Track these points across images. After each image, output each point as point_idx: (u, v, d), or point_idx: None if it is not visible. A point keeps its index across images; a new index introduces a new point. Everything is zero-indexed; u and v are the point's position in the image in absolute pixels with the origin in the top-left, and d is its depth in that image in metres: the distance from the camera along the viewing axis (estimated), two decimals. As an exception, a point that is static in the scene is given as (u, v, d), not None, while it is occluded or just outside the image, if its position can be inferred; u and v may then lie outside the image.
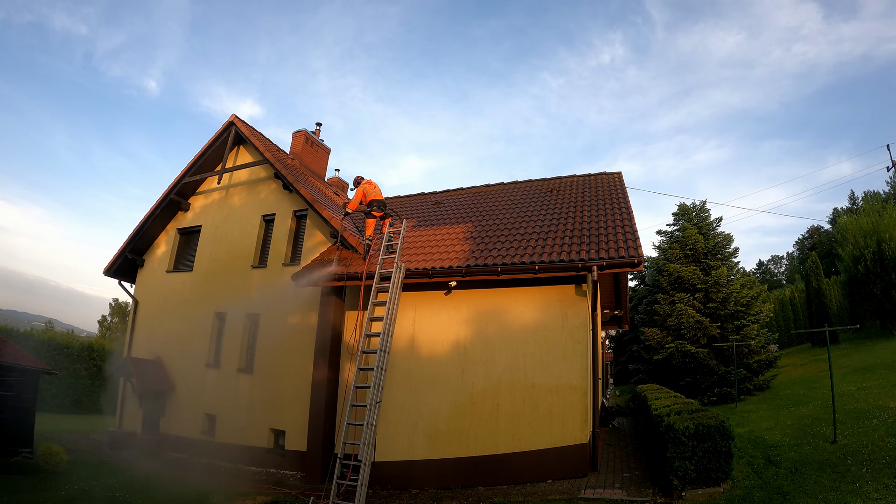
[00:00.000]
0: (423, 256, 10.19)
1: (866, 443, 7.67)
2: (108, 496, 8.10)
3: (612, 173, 14.10)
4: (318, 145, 15.55)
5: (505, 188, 14.48)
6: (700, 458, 6.64)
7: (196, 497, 8.50)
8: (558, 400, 8.52)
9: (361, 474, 7.82)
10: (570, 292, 8.97)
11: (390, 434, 9.29)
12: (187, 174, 13.94)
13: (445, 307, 9.68)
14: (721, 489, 6.71)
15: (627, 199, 11.61)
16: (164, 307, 13.79)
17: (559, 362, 8.68)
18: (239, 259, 12.83)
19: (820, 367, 17.92)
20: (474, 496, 8.11)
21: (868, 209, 22.93)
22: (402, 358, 9.62)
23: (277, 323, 11.70)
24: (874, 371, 14.34)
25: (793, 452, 8.01)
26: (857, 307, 21.51)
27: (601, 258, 8.48)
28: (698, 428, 6.68)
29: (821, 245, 42.88)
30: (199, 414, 12.28)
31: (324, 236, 11.87)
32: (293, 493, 8.86)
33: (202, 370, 12.57)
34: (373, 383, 8.50)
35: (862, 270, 19.88)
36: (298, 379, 10.94)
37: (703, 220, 21.20)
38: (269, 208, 12.93)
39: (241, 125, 13.60)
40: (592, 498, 7.19)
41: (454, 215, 12.83)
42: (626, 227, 9.71)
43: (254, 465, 10.98)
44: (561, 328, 8.82)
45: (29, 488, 8.07)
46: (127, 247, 14.32)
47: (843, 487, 6.22)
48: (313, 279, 10.23)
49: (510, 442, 8.61)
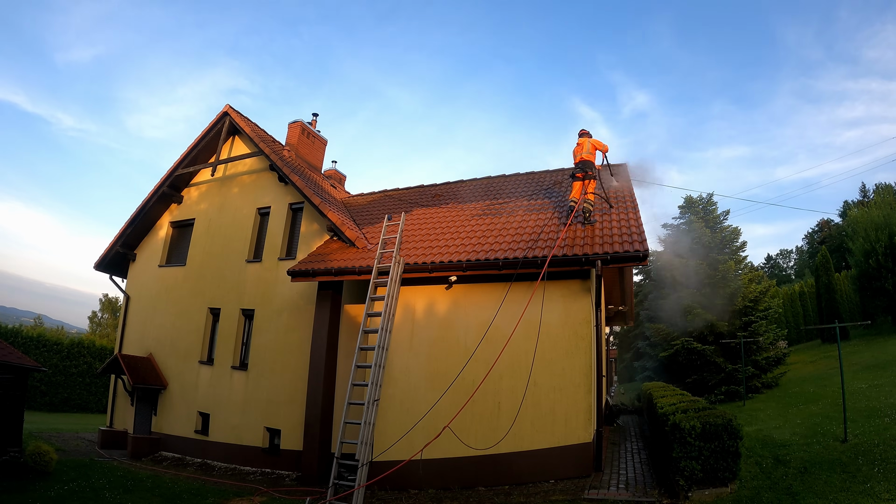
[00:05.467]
0: (423, 250, 9.99)
1: (878, 442, 7.48)
2: (98, 496, 7.97)
3: (617, 165, 13.78)
4: (314, 136, 15.29)
5: (507, 180, 14.20)
6: (707, 457, 6.47)
7: (189, 497, 8.39)
8: (561, 398, 8.34)
9: (359, 474, 7.69)
10: (574, 287, 8.77)
11: (389, 433, 9.09)
12: (180, 166, 13.73)
13: (445, 302, 9.49)
14: (728, 489, 6.54)
15: (633, 191, 11.34)
16: (157, 302, 13.61)
17: (562, 359, 8.49)
18: (233, 253, 12.63)
19: (830, 365, 17.75)
20: (475, 497, 7.96)
21: (880, 202, 22.61)
22: (401, 354, 9.43)
23: (272, 319, 11.55)
24: (886, 368, 14.29)
25: (802, 452, 7.85)
26: (869, 302, 21.27)
27: (605, 252, 8.27)
28: (705, 427, 6.50)
29: (831, 239, 42.48)
30: (192, 412, 12.12)
31: (320, 229, 11.65)
32: (289, 493, 8.75)
33: (195, 367, 12.41)
34: (370, 381, 8.37)
35: (873, 265, 19.63)
36: (294, 376, 10.78)
37: (709, 214, 20.92)
38: (265, 201, 12.73)
39: (236, 115, 13.40)
40: (596, 499, 7.02)
41: (455, 208, 12.56)
42: (632, 221, 9.46)
43: (248, 465, 10.87)
44: (564, 324, 8.63)
45: (17, 489, 7.93)
46: (118, 240, 14.13)
47: (853, 488, 6.06)
48: (309, 273, 10.06)
49: (512, 441, 8.42)
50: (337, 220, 10.99)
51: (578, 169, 9.71)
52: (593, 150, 9.90)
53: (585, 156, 9.79)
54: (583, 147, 9.90)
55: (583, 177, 9.66)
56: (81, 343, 20.41)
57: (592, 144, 9.92)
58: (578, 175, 9.69)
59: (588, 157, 9.78)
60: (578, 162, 9.81)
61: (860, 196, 43.05)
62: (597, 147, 9.94)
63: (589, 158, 9.77)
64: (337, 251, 10.66)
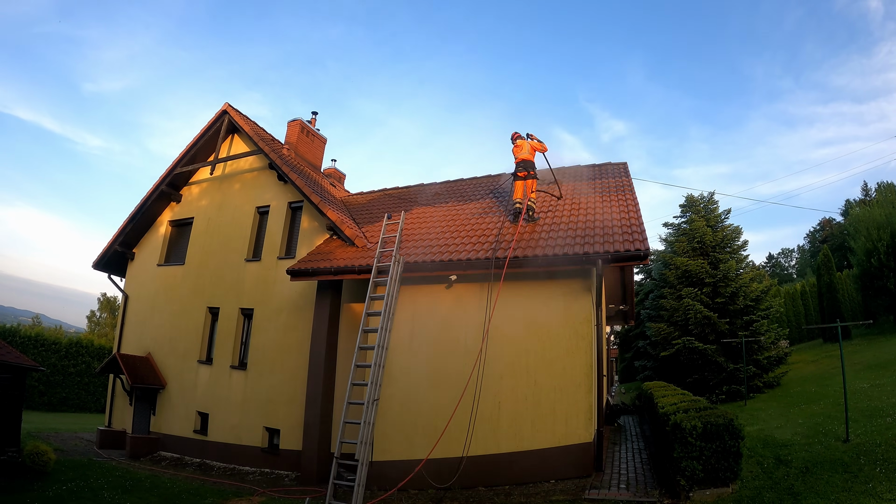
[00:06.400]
0: (423, 249, 9.92)
1: (880, 442, 7.45)
2: (96, 497, 7.93)
3: (618, 163, 13.73)
4: (313, 135, 15.23)
5: (508, 178, 14.11)
6: (708, 457, 6.42)
7: (188, 497, 8.35)
8: (562, 397, 8.28)
9: (359, 474, 7.65)
10: (575, 286, 8.71)
11: (388, 432, 9.06)
12: (179, 164, 13.65)
13: (446, 301, 9.42)
14: (730, 490, 6.49)
15: (633, 190, 11.29)
16: (155, 302, 13.55)
17: (563, 358, 8.43)
18: (232, 252, 12.57)
19: (832, 364, 17.69)
20: (475, 497, 7.90)
21: (882, 200, 22.53)
22: (401, 354, 9.37)
23: (272, 318, 11.50)
24: (888, 367, 14.26)
25: (804, 452, 7.81)
26: (871, 302, 21.22)
27: (606, 251, 8.21)
28: (706, 427, 6.44)
29: (833, 238, 42.38)
30: (191, 412, 12.08)
31: (320, 228, 11.59)
32: (288, 493, 8.70)
33: (194, 367, 12.36)
34: (370, 380, 8.32)
35: (875, 264, 19.57)
36: (293, 376, 10.73)
37: (711, 212, 20.86)
38: (264, 200, 12.67)
39: (235, 114, 13.32)
40: (597, 499, 6.99)
41: (455, 206, 12.50)
42: (632, 219, 9.41)
43: (247, 465, 10.83)
44: (564, 323, 8.57)
45: (15, 489, 7.90)
46: (116, 239, 14.05)
47: (855, 488, 6.03)
48: (309, 272, 10.00)
49: (512, 441, 8.39)
50: (336, 219, 10.93)
51: (520, 168, 10.20)
52: (532, 151, 10.44)
53: (525, 156, 10.31)
54: (521, 148, 10.43)
55: (524, 176, 10.15)
56: (80, 342, 20.35)
57: (531, 146, 10.46)
58: (520, 174, 10.17)
59: (527, 157, 10.31)
60: (519, 162, 10.29)
61: (862, 195, 42.94)
62: (535, 148, 10.48)
63: (528, 158, 10.29)
64: (336, 250, 10.61)
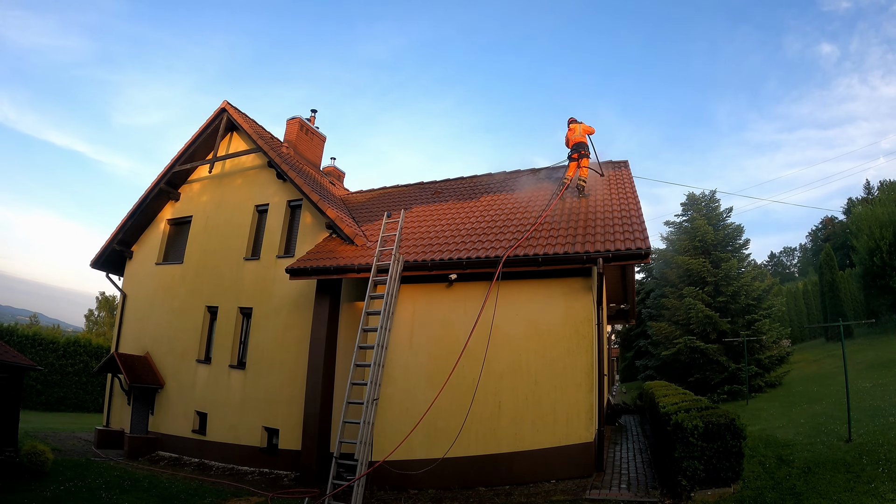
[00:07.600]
0: (423, 248, 9.88)
1: (882, 441, 7.44)
2: (94, 497, 7.91)
3: (619, 162, 13.65)
4: (312, 133, 15.17)
5: (508, 177, 14.07)
6: (710, 457, 6.38)
7: (186, 498, 8.33)
8: (562, 397, 8.23)
9: (358, 474, 7.62)
10: (575, 285, 8.64)
11: (388, 432, 8.98)
12: (178, 162, 13.60)
13: (446, 300, 9.36)
14: (731, 490, 6.45)
15: (634, 189, 11.23)
16: (154, 301, 13.50)
17: (563, 358, 8.37)
18: (231, 251, 12.51)
19: (834, 363, 17.64)
20: (475, 497, 7.86)
21: (884, 199, 22.44)
22: (401, 353, 9.32)
23: (271, 317, 11.45)
24: (891, 367, 14.24)
25: (806, 451, 7.80)
26: (873, 301, 21.16)
27: (607, 250, 8.16)
28: (708, 426, 6.40)
29: (835, 236, 42.27)
30: (189, 411, 12.04)
31: (319, 227, 11.53)
32: (287, 493, 8.67)
33: (193, 366, 12.32)
34: (370, 380, 8.30)
35: (878, 263, 19.50)
36: (293, 376, 10.68)
37: (712, 211, 20.77)
38: (263, 198, 12.61)
39: (234, 112, 13.26)
40: (598, 499, 6.95)
41: (455, 205, 12.45)
42: (633, 218, 9.35)
43: (246, 465, 10.79)
44: (565, 322, 8.51)
45: (13, 489, 7.87)
46: (115, 238, 13.99)
47: (857, 488, 6.01)
48: (308, 271, 9.95)
49: (512, 441, 8.34)
50: (336, 218, 10.87)
51: (574, 150, 11.09)
52: (584, 132, 11.27)
53: (579, 138, 11.18)
54: (575, 131, 11.29)
55: (578, 157, 11.03)
56: (78, 342, 20.31)
57: (583, 128, 11.30)
58: (574, 156, 11.07)
59: (581, 139, 11.17)
60: (574, 143, 11.14)
61: (864, 193, 42.85)
62: (586, 130, 11.33)
63: (582, 140, 11.16)
64: (336, 249, 10.55)
